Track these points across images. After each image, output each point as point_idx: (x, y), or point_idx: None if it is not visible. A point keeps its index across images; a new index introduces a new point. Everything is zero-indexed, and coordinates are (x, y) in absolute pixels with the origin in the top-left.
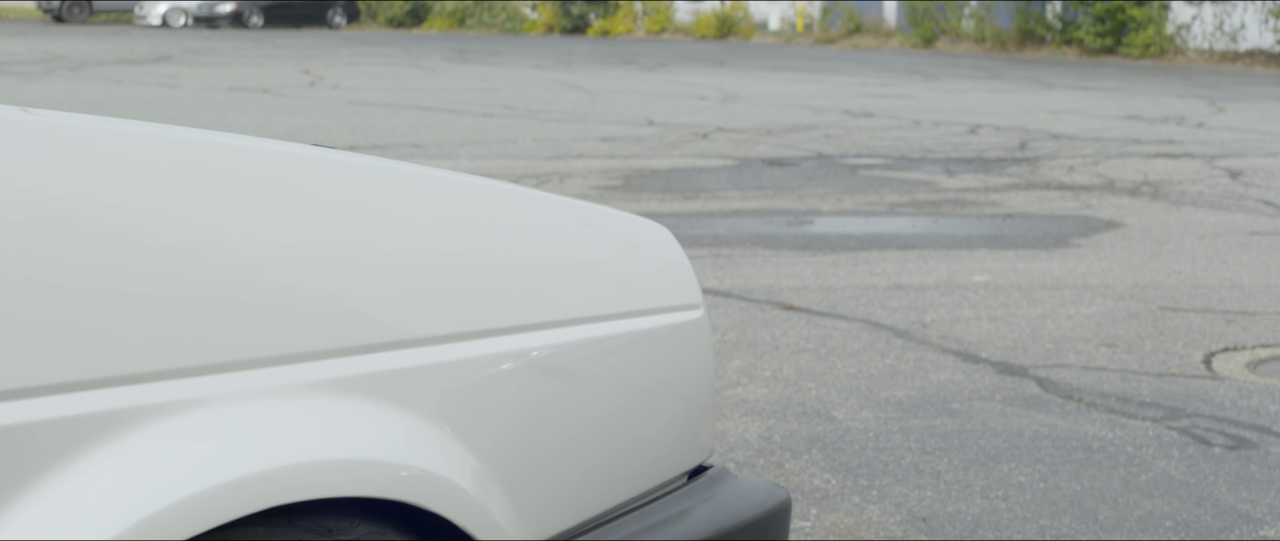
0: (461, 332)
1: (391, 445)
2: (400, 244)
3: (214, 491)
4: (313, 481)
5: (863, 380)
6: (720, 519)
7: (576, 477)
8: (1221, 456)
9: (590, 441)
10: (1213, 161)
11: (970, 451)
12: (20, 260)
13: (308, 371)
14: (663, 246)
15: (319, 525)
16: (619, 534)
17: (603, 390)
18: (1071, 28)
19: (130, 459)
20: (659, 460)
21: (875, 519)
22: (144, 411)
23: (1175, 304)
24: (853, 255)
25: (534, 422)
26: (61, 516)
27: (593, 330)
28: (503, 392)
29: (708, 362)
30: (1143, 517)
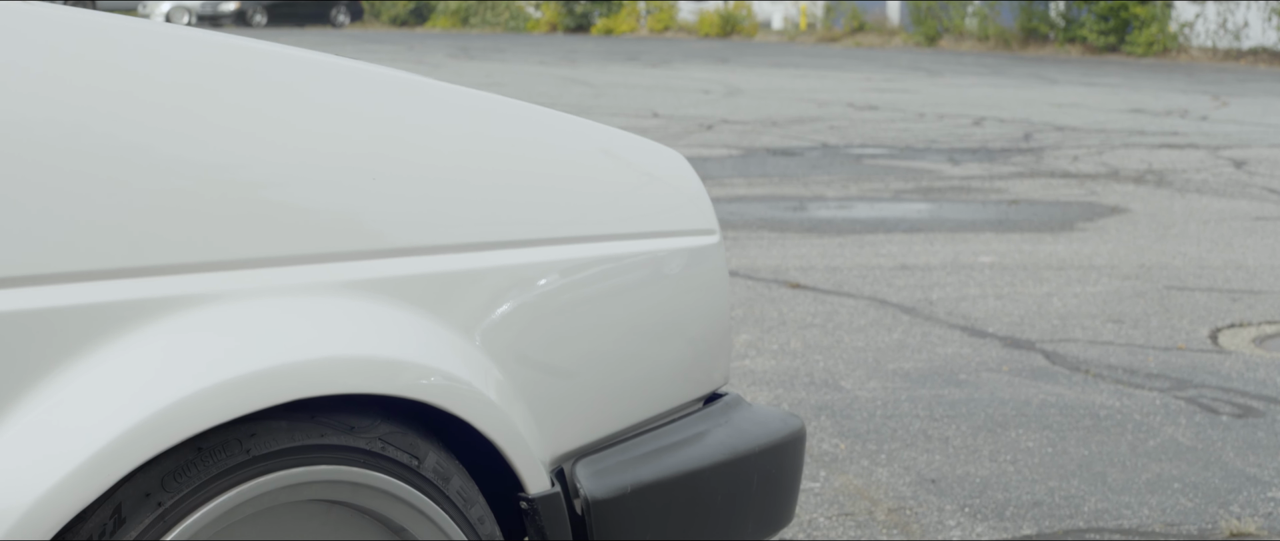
0: (483, 243)
1: (414, 347)
2: (422, 152)
3: (238, 381)
4: (336, 377)
5: (870, 353)
6: (736, 442)
7: (596, 394)
8: (1228, 424)
9: (609, 359)
10: (1217, 152)
11: (978, 418)
12: (63, 152)
13: (332, 271)
14: (679, 172)
15: (341, 422)
16: (636, 452)
17: (620, 308)
18: (1075, 26)
19: (159, 346)
20: (676, 383)
21: (884, 480)
22: (173, 302)
23: (1181, 283)
24: (858, 238)
25: (554, 336)
26: (91, 398)
27: (611, 248)
28: (523, 304)
29: (723, 288)
30: (1151, 480)
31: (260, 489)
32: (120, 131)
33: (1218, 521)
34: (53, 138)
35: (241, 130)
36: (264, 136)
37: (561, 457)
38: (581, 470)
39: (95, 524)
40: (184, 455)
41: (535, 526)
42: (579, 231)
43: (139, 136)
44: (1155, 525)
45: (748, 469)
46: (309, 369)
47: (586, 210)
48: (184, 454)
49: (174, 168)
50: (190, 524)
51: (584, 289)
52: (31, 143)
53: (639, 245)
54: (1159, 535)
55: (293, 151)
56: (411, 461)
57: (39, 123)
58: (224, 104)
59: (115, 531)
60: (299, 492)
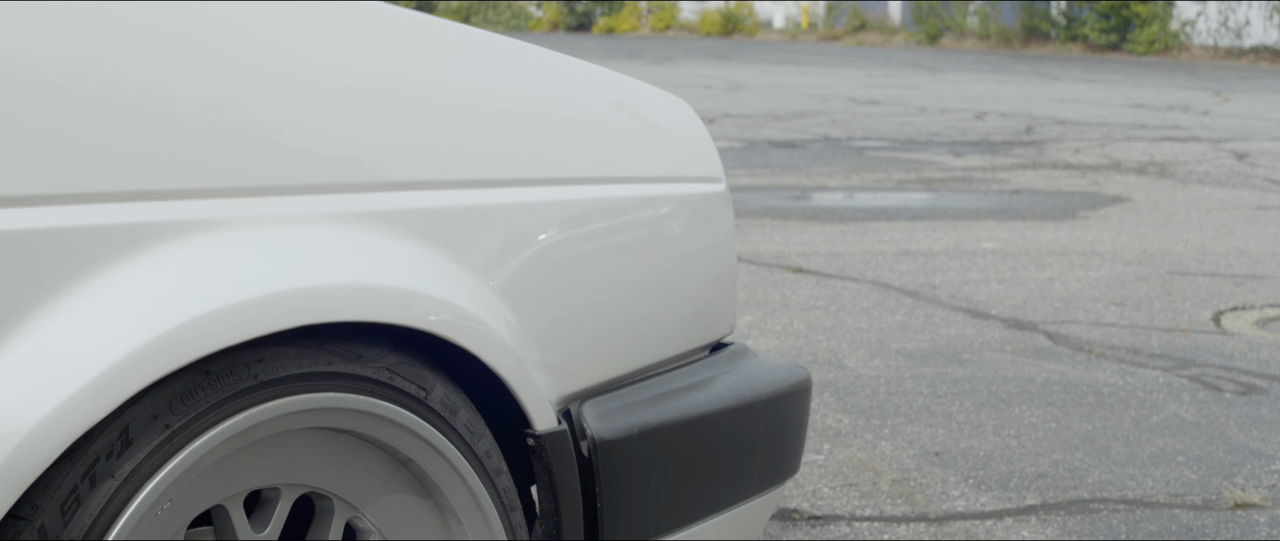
0: (491, 180)
1: (422, 279)
2: (431, 87)
3: (247, 305)
4: (344, 304)
5: (873, 333)
6: (743, 389)
7: (603, 336)
8: (1232, 400)
9: (616, 300)
10: (1219, 145)
11: (981, 395)
12: (75, 77)
13: (340, 202)
14: (686, 120)
15: (348, 351)
16: (643, 395)
17: (627, 250)
18: (1076, 24)
19: (168, 269)
20: (682, 328)
21: (888, 453)
22: (182, 226)
23: (1183, 269)
24: (861, 225)
25: (561, 275)
26: (99, 319)
27: (619, 190)
28: (530, 242)
29: (729, 235)
30: (1155, 453)
31: (268, 414)
32: (131, 57)
33: (1222, 493)
34: (65, 63)
35: (252, 58)
36: (274, 66)
37: (568, 398)
38: (588, 410)
39: (103, 444)
40: (192, 378)
41: (542, 463)
42: (587, 173)
43: (148, 61)
44: (1159, 496)
45: (754, 416)
46: (317, 295)
47: (594, 152)
48: (192, 377)
49: (185, 93)
50: (198, 446)
51: (591, 229)
52: (44, 64)
53: (646, 189)
54: (1163, 505)
55: (301, 81)
56: (419, 392)
57: (52, 51)
58: (237, 32)
59: (123, 452)
60: (306, 419)
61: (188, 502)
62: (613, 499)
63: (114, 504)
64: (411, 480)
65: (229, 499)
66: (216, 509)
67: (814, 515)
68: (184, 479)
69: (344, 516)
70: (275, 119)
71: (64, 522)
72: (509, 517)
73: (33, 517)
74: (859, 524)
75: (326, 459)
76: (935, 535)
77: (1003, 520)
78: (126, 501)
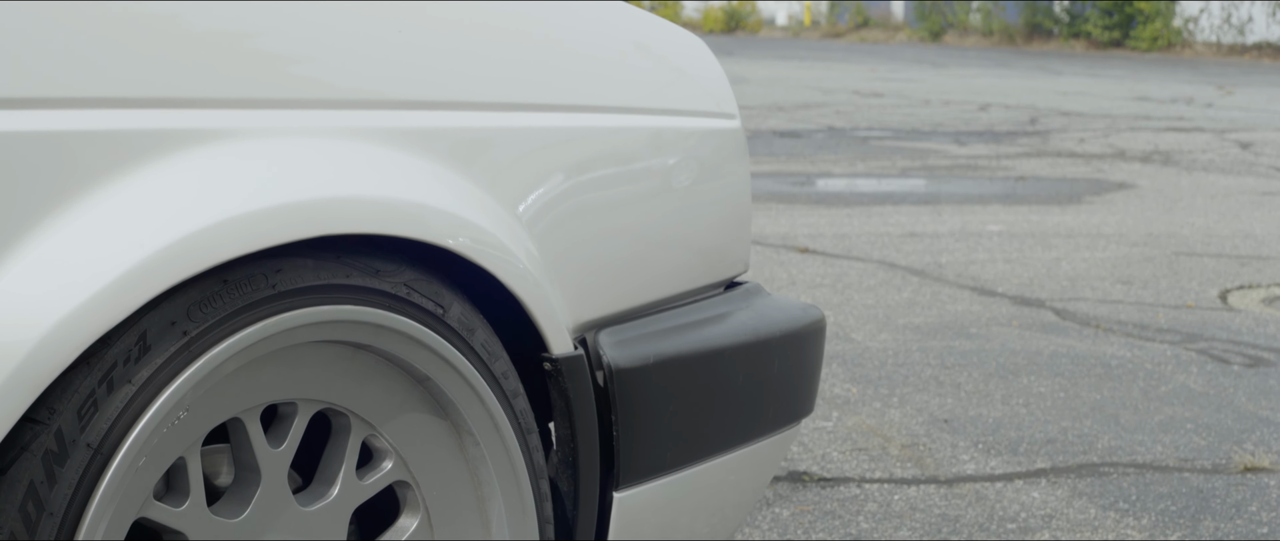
0: (508, 103)
1: (440, 197)
2: (452, 9)
3: (265, 212)
4: (363, 216)
5: (880, 309)
6: (758, 326)
7: (619, 265)
8: (1240, 372)
9: (632, 230)
10: (1223, 135)
11: (989, 366)
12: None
13: (361, 118)
14: (702, 56)
15: (366, 265)
16: (659, 326)
17: (644, 180)
18: (1079, 21)
19: (186, 176)
20: (697, 262)
21: (897, 420)
22: (201, 134)
23: (1189, 250)
24: (866, 209)
25: (577, 202)
26: (117, 224)
27: (637, 120)
28: (548, 167)
29: (744, 173)
30: (1164, 421)
31: (286, 324)
32: None
33: (1232, 457)
34: None
35: None
36: None
37: (583, 327)
38: (604, 339)
39: (120, 349)
40: (209, 287)
41: (558, 388)
42: (605, 102)
43: None
44: (1169, 460)
45: (769, 353)
46: (335, 206)
47: (612, 82)
48: (209, 285)
49: (207, 2)
50: (216, 354)
51: (608, 157)
52: None
53: (663, 121)
54: (1173, 469)
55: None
56: (437, 309)
57: None
58: None
59: (141, 358)
60: (324, 331)
61: (206, 413)
62: (628, 427)
63: (132, 409)
64: (428, 399)
65: (246, 411)
66: (233, 422)
67: (824, 477)
68: (202, 387)
69: (361, 434)
70: (297, 31)
71: (81, 426)
72: (526, 440)
73: (50, 421)
74: (869, 485)
75: (344, 375)
76: (945, 496)
77: (1013, 482)
78: (144, 407)
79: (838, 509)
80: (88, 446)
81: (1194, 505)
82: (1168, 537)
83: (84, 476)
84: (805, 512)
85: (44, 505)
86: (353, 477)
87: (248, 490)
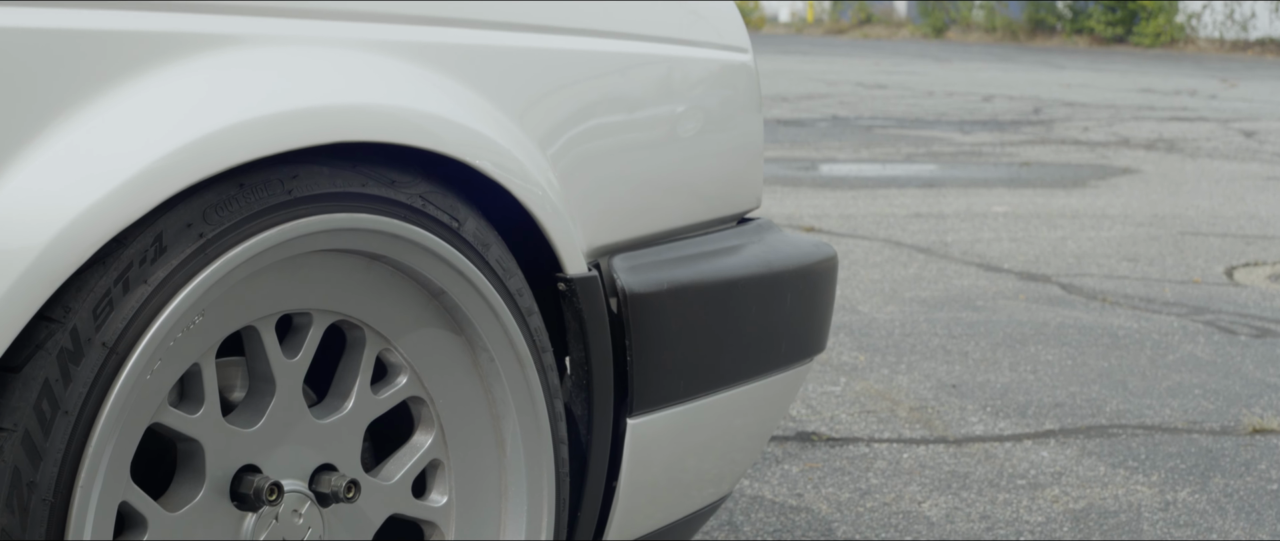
0: (523, 24)
1: (456, 110)
2: None
3: (281, 116)
4: (380, 124)
5: (886, 284)
6: (771, 259)
7: (632, 191)
8: (1247, 342)
9: (646, 157)
10: (1227, 124)
11: (997, 336)
12: None
13: (377, 31)
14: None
15: (382, 175)
16: (672, 254)
17: (659, 106)
18: (1082, 17)
19: (201, 78)
20: (710, 193)
21: (905, 385)
22: (216, 39)
23: (1194, 229)
24: (871, 192)
25: (593, 124)
26: (134, 123)
27: (651, 48)
28: (563, 89)
29: (756, 108)
30: (1172, 387)
31: (301, 230)
32: None
33: (1240, 419)
34: None
35: None
36: None
37: (597, 251)
38: (618, 263)
39: (136, 249)
40: (226, 190)
41: (573, 309)
42: (621, 28)
43: None
44: (1178, 423)
45: (782, 286)
46: (351, 113)
47: (629, 8)
48: (226, 189)
49: None
50: (231, 257)
51: (623, 81)
52: None
53: (679, 51)
54: (1182, 431)
55: None
56: (452, 222)
57: None
58: None
59: (157, 259)
60: (339, 239)
61: (221, 319)
62: (642, 353)
63: (147, 310)
64: (443, 314)
65: (261, 320)
66: (248, 331)
67: (832, 437)
68: (217, 290)
69: (375, 348)
70: None
71: (97, 325)
72: (541, 358)
73: (65, 320)
74: (878, 444)
75: (359, 286)
76: (954, 454)
77: (1021, 442)
78: (160, 308)
79: (847, 466)
80: (103, 345)
81: (1203, 463)
82: (1177, 493)
83: (99, 375)
84: (815, 469)
85: (59, 403)
86: (367, 392)
87: (262, 400)
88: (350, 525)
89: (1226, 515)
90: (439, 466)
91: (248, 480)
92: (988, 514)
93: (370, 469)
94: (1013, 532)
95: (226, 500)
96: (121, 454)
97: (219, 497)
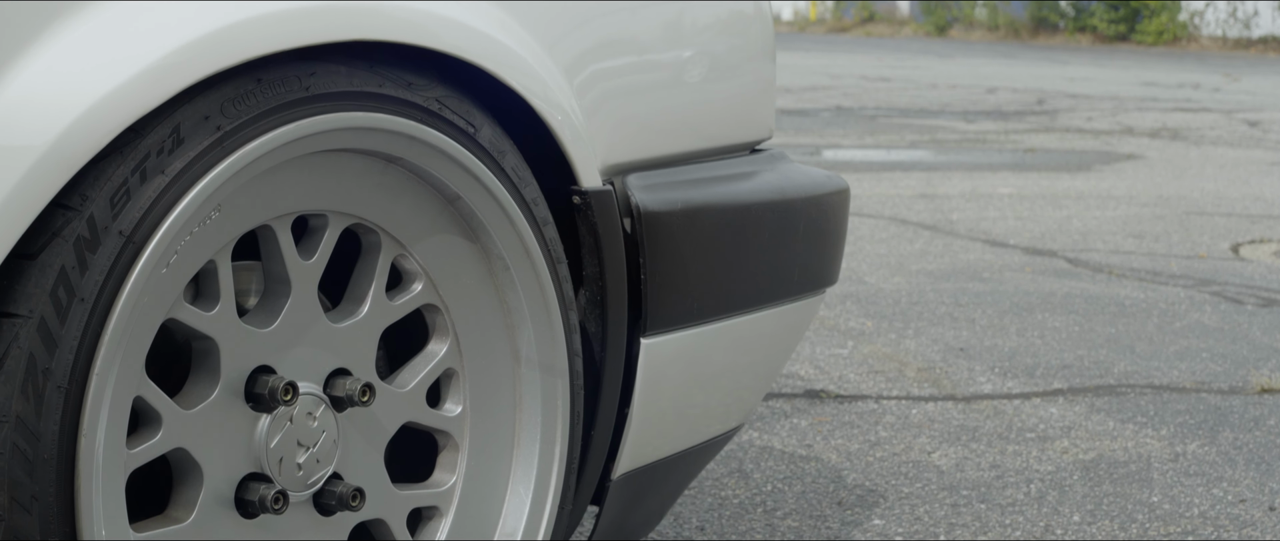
0: None
1: (471, 16)
2: None
3: (297, 11)
4: (396, 24)
5: (892, 257)
6: (783, 185)
7: (646, 110)
8: (1254, 311)
9: (659, 75)
10: (1231, 114)
11: (1004, 305)
12: None
13: None
14: None
15: (399, 77)
16: (686, 176)
17: (673, 27)
18: (1085, 15)
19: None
20: (723, 118)
21: (913, 348)
22: None
23: (1200, 210)
24: (876, 175)
25: (604, 38)
26: (152, 11)
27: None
28: (593, 20)
29: (769, 36)
30: (1179, 350)
31: (318, 127)
32: None
33: (1248, 379)
34: None
35: None
36: None
37: (612, 170)
38: (633, 181)
39: (154, 140)
40: (243, 84)
41: (588, 223)
42: None
43: None
44: (1186, 382)
45: (794, 213)
46: (371, 12)
47: None
48: (243, 83)
49: None
50: (248, 150)
51: (646, 12)
52: None
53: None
54: (1190, 390)
55: None
56: (468, 128)
57: None
58: None
59: (174, 149)
60: (356, 139)
61: (237, 215)
62: (655, 271)
63: (164, 200)
64: (459, 221)
65: (277, 220)
66: (264, 230)
67: (841, 394)
68: (234, 183)
69: (391, 253)
70: None
71: (114, 214)
72: (556, 270)
73: (82, 208)
74: (887, 401)
75: (375, 189)
76: (963, 411)
77: (1030, 400)
78: (177, 198)
79: (856, 420)
80: (120, 234)
81: (1212, 419)
82: (1187, 445)
83: (116, 264)
84: (824, 422)
85: (75, 291)
86: (382, 297)
87: (278, 302)
88: (365, 431)
89: (1236, 466)
90: (453, 376)
91: (262, 380)
92: (997, 463)
93: (385, 378)
94: (1023, 481)
95: (241, 401)
96: (137, 346)
97: (233, 398)
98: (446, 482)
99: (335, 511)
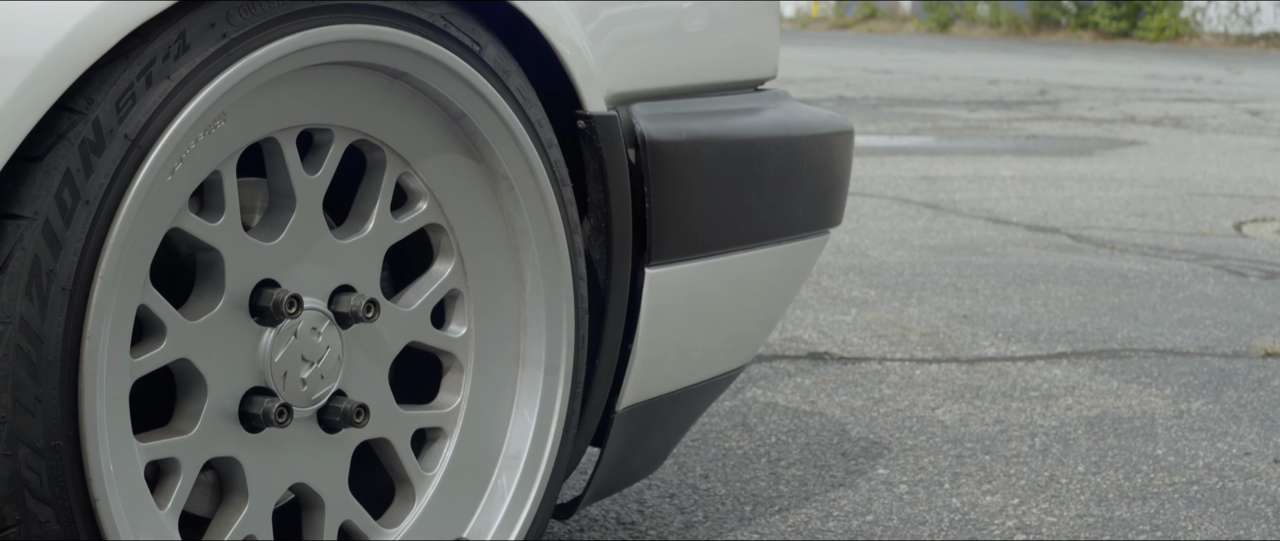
0: None
1: None
2: None
3: None
4: None
5: (895, 234)
6: (788, 122)
7: (649, 38)
8: (1257, 283)
9: (665, 4)
10: (1233, 105)
11: (1007, 276)
12: None
13: None
14: None
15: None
16: (691, 108)
17: None
18: (1087, 12)
19: None
20: (727, 53)
21: (916, 316)
22: None
23: (1202, 191)
24: (878, 158)
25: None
26: None
27: None
28: None
29: None
30: (1183, 318)
31: (323, 37)
32: None
33: (1252, 344)
34: None
35: None
36: None
37: (617, 98)
38: (639, 110)
39: (160, 45)
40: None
41: (592, 148)
42: None
43: None
44: (1189, 347)
45: (799, 150)
46: None
47: None
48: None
49: None
50: (254, 58)
51: None
52: None
53: None
54: (1194, 354)
55: None
56: (473, 45)
57: None
58: None
59: (180, 55)
60: (360, 51)
61: (242, 125)
62: (660, 199)
63: (170, 105)
64: (464, 139)
65: (282, 132)
66: (269, 143)
67: (844, 357)
68: (239, 92)
69: (395, 171)
70: None
71: (119, 118)
72: (561, 191)
73: (88, 111)
74: (890, 363)
75: (380, 105)
76: (967, 372)
77: (1034, 362)
78: (182, 104)
79: (860, 379)
80: (125, 138)
81: (1216, 380)
82: (1191, 404)
83: (121, 167)
84: (828, 382)
85: (80, 193)
86: (387, 215)
87: (283, 216)
88: (369, 349)
89: (1241, 422)
90: (458, 297)
91: (267, 293)
92: (1001, 418)
93: (390, 298)
94: (1027, 434)
95: (246, 314)
96: (142, 253)
97: (238, 310)
98: (451, 404)
99: (339, 428)
